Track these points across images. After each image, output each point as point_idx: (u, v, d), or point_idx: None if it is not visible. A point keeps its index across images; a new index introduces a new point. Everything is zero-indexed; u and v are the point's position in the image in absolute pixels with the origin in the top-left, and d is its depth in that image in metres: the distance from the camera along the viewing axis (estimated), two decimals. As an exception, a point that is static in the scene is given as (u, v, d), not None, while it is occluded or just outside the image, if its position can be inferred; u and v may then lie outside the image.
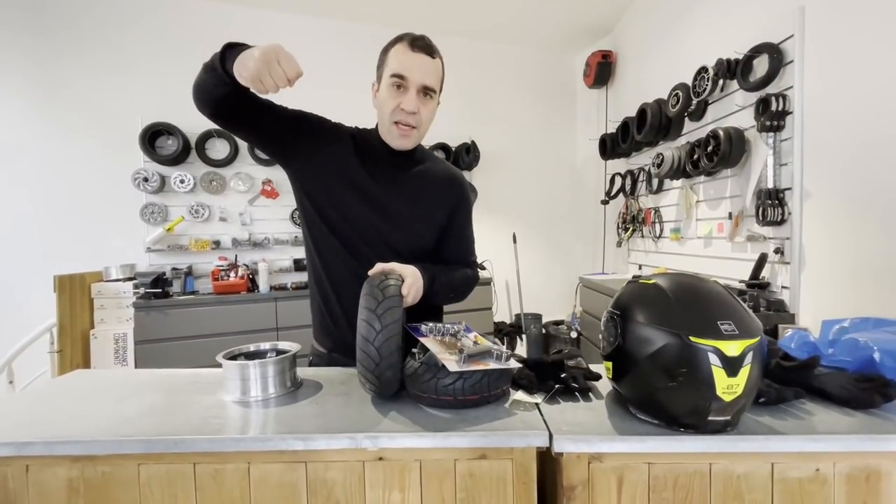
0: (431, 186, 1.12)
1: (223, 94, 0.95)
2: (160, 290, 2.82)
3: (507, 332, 3.75)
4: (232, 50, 0.90)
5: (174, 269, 3.05)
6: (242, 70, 0.84)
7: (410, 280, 0.92)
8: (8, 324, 2.79)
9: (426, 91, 1.00)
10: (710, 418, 0.70)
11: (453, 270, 1.12)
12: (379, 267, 0.93)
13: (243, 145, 3.28)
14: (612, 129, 3.52)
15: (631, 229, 3.34)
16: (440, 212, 1.13)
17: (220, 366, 0.96)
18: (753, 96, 2.04)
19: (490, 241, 3.84)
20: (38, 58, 2.93)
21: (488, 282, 3.53)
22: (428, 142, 3.96)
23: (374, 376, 0.82)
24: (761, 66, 2.00)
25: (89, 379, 1.09)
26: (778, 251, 1.93)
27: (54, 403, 0.92)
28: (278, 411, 0.86)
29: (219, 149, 3.26)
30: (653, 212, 3.08)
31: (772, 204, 1.91)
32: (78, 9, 3.00)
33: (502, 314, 4.02)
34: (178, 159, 3.12)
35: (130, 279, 2.93)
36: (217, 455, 0.75)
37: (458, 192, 1.16)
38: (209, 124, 3.39)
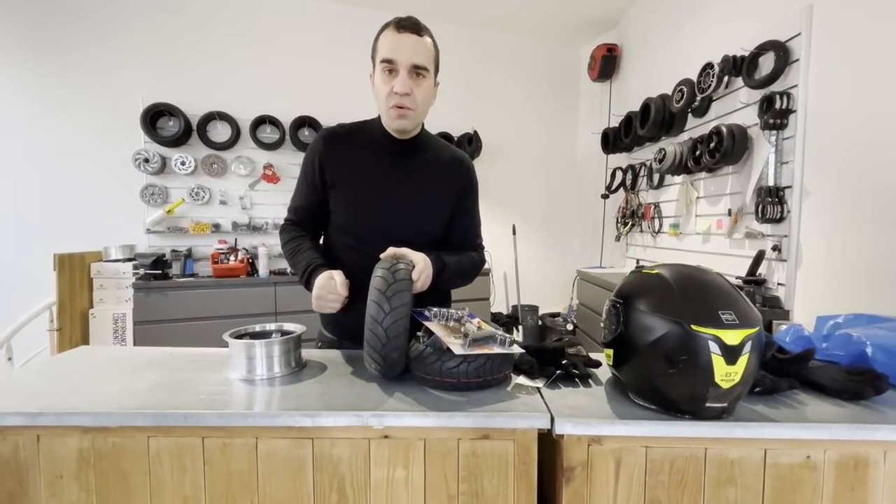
0: (438, 173, 1.13)
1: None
2: (160, 272, 2.83)
3: (503, 323, 3.78)
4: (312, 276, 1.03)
5: (174, 251, 3.04)
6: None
7: (421, 266, 0.94)
8: (7, 301, 2.79)
9: (417, 70, 0.99)
10: (707, 405, 0.72)
11: (461, 256, 1.13)
12: (391, 251, 0.95)
13: (245, 129, 3.26)
14: (614, 123, 3.52)
15: (630, 224, 3.36)
16: (448, 197, 1.14)
17: (222, 346, 0.97)
18: (758, 94, 2.04)
19: (489, 231, 3.82)
20: (40, 37, 2.89)
21: (486, 272, 3.55)
22: (430, 130, 3.94)
23: (380, 356, 0.84)
24: (767, 63, 2.01)
25: (94, 355, 1.10)
26: (775, 248, 1.96)
27: (62, 377, 0.94)
28: (284, 389, 0.87)
29: (220, 131, 3.23)
30: (652, 207, 3.09)
31: (771, 202, 1.92)
32: (79, -16, 2.96)
33: (499, 305, 4.05)
34: (179, 141, 3.09)
35: (130, 260, 2.92)
36: (226, 429, 0.77)
37: (465, 176, 1.16)
38: (211, 106, 3.38)
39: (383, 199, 1.08)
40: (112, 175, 3.06)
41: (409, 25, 0.98)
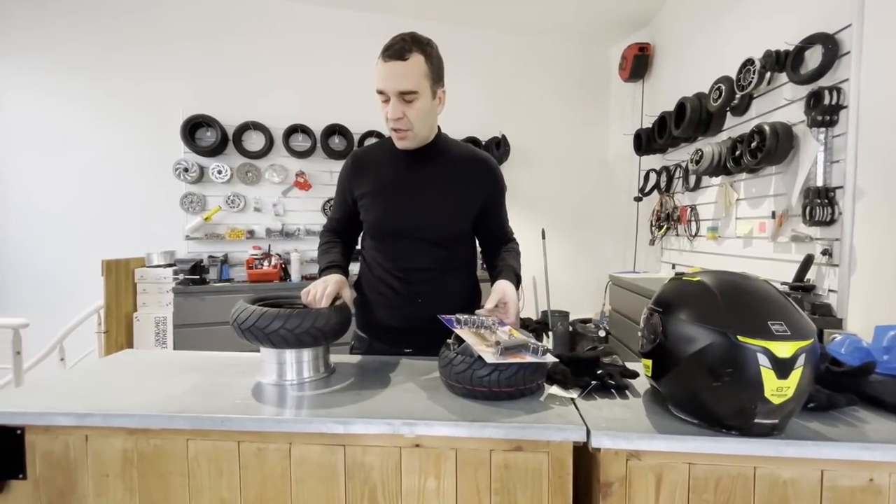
0: (459, 173, 1.16)
1: None
2: (198, 277, 2.93)
3: (533, 329, 3.72)
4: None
5: (211, 256, 3.15)
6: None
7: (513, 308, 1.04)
8: (60, 304, 2.96)
9: (404, 96, 1.03)
10: (756, 421, 0.68)
11: (510, 255, 1.19)
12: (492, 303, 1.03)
13: (278, 138, 3.36)
14: (647, 123, 3.42)
15: (665, 227, 3.25)
16: (472, 195, 1.17)
17: (256, 351, 1.00)
18: (804, 90, 1.94)
19: (518, 235, 3.80)
20: (89, 54, 3.07)
21: (515, 277, 3.50)
22: (458, 135, 3.93)
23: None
24: (814, 57, 1.90)
25: (137, 358, 1.15)
26: (826, 252, 1.84)
27: (109, 379, 0.98)
28: (314, 395, 0.88)
29: (255, 140, 3.34)
30: (689, 209, 2.98)
31: (820, 203, 1.81)
32: (125, 7, 3.13)
33: (528, 310, 3.99)
34: (216, 150, 3.22)
35: (170, 265, 3.05)
36: (260, 434, 0.78)
37: (485, 172, 1.19)
38: (246, 117, 3.50)
39: (405, 200, 1.14)
40: (154, 184, 3.21)
41: (394, 53, 1.01)
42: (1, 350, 2.34)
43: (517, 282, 1.11)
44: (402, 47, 1.02)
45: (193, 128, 3.18)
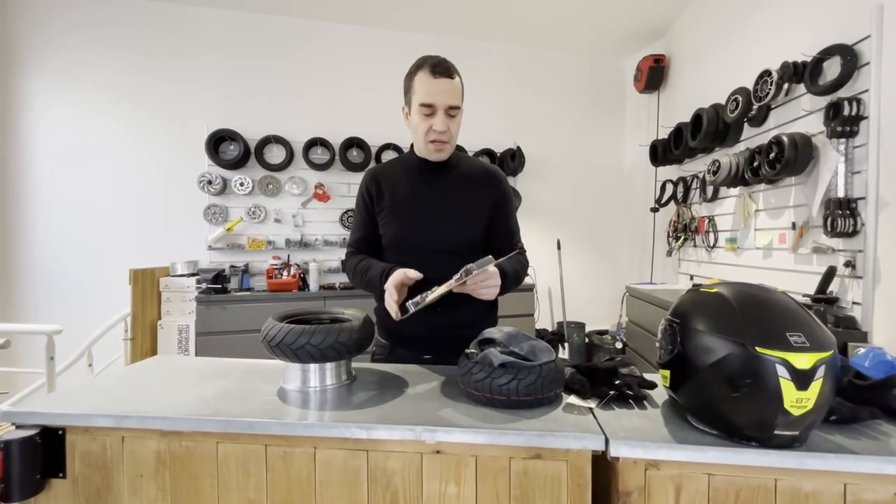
0: (470, 185, 1.22)
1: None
2: (220, 286, 3.01)
3: (548, 340, 3.70)
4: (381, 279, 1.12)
5: (232, 266, 3.24)
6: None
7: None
8: (86, 311, 3.06)
9: (451, 110, 1.11)
10: (776, 432, 0.68)
11: (510, 261, 1.18)
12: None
13: (298, 151, 3.45)
14: (663, 134, 3.41)
15: (682, 238, 3.22)
16: (483, 206, 1.22)
17: (276, 358, 1.03)
18: (822, 100, 1.93)
19: (533, 247, 3.80)
20: (119, 74, 3.22)
21: (530, 288, 3.50)
22: (473, 148, 3.95)
23: None
24: (832, 68, 1.89)
25: (167, 364, 1.19)
26: (849, 264, 1.81)
27: (142, 384, 1.02)
28: (338, 401, 0.91)
29: (276, 154, 3.44)
30: (706, 220, 2.96)
31: (842, 214, 1.79)
32: (152, 29, 3.28)
33: (544, 321, 3.97)
34: (238, 163, 3.32)
35: (193, 275, 3.14)
36: (287, 438, 0.81)
37: (495, 185, 1.24)
38: (268, 131, 3.59)
39: (422, 213, 1.19)
40: (179, 196, 3.32)
41: (443, 71, 1.08)
42: (34, 355, 2.43)
43: (504, 277, 1.09)
44: (448, 67, 1.10)
45: (217, 142, 3.29)
